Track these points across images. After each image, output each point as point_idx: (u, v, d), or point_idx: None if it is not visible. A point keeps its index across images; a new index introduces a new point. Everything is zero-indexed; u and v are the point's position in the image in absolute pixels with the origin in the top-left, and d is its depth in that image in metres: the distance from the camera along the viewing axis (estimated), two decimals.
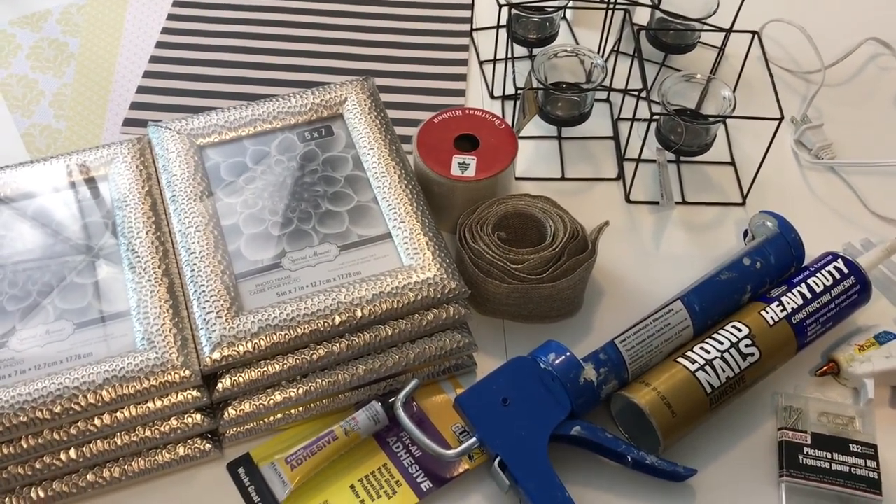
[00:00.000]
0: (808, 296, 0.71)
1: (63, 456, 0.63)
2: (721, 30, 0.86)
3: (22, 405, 0.60)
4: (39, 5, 1.01)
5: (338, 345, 0.67)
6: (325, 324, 0.65)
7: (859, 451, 0.66)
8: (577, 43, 0.97)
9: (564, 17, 1.00)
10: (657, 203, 0.84)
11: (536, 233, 0.76)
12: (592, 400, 0.66)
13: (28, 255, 0.70)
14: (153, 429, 0.64)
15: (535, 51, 0.93)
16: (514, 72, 0.94)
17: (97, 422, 0.62)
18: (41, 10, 1.01)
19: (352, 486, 0.65)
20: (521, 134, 0.87)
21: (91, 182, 0.74)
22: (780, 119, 0.76)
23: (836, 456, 0.66)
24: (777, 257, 0.74)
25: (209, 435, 0.67)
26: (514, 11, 0.89)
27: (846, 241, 0.81)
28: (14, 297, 0.67)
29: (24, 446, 0.61)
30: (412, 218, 0.71)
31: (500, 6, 0.84)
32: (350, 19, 1.00)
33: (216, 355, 0.64)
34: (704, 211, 0.84)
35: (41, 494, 0.63)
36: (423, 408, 0.70)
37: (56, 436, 0.62)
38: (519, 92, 0.81)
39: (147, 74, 0.93)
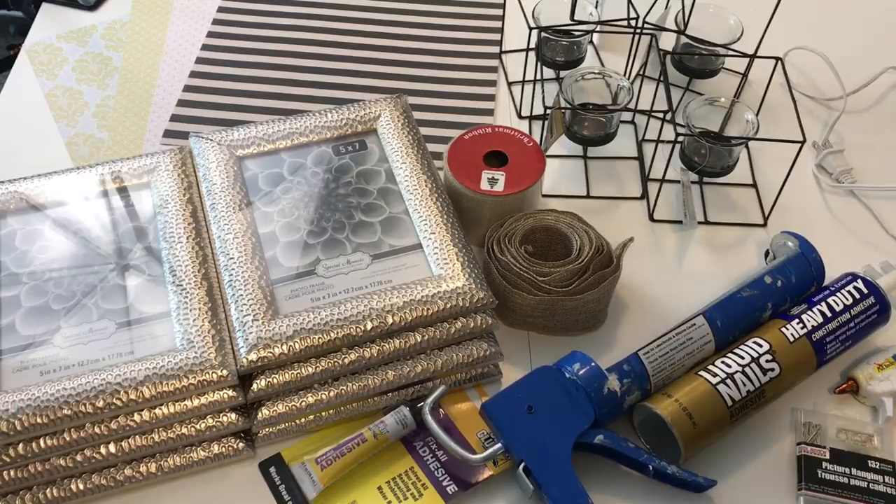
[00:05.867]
0: (828, 314, 0.72)
1: (103, 450, 0.65)
2: (745, 55, 0.89)
3: (66, 399, 0.63)
4: (85, 21, 1.05)
5: (369, 350, 0.69)
6: (357, 329, 0.68)
7: (878, 467, 0.67)
8: (604, 66, 1.00)
9: (592, 42, 1.03)
10: (680, 222, 0.86)
11: (562, 247, 0.78)
12: (615, 410, 0.68)
13: (73, 258, 0.72)
14: (189, 426, 0.67)
15: (563, 73, 0.96)
16: (542, 92, 0.96)
17: (137, 417, 0.65)
18: (87, 26, 1.05)
19: (379, 488, 0.67)
20: (549, 152, 0.89)
21: (133, 189, 0.77)
22: (802, 142, 0.78)
23: (854, 471, 0.67)
24: (798, 276, 0.75)
25: (242, 434, 0.69)
26: (542, 35, 0.92)
27: (866, 263, 0.82)
28: (59, 296, 0.70)
29: (67, 439, 0.64)
30: (442, 230, 0.74)
31: (531, 29, 0.87)
32: (384, 40, 1.03)
33: (252, 356, 0.66)
34: (726, 231, 0.86)
35: (80, 486, 0.66)
36: (450, 414, 0.72)
37: (97, 430, 0.64)
38: (547, 112, 0.84)
39: (187, 88, 0.97)
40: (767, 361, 0.69)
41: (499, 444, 0.67)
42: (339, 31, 1.04)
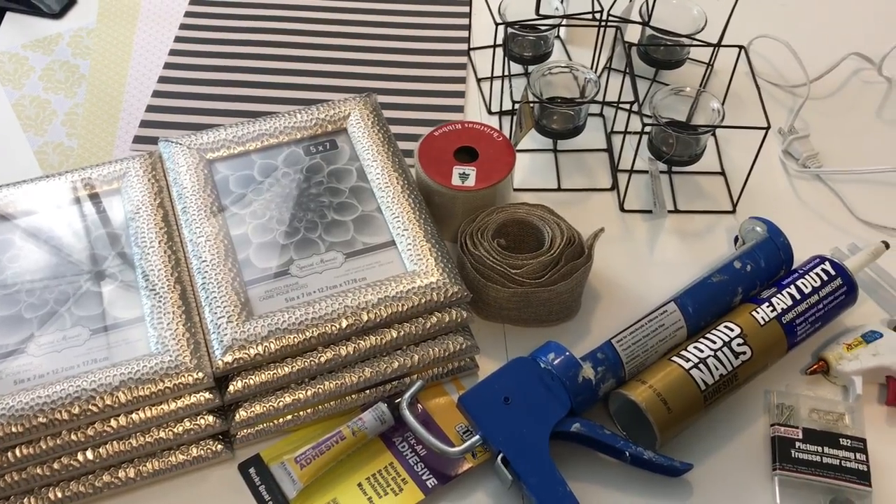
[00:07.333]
0: (797, 297, 0.73)
1: (80, 457, 0.65)
2: (709, 45, 0.90)
3: (41, 407, 0.63)
4: (51, 29, 1.05)
5: (344, 348, 0.69)
6: (333, 327, 0.68)
7: (849, 444, 0.69)
8: (571, 60, 1.01)
9: (558, 36, 1.03)
10: (650, 212, 0.87)
11: (535, 239, 0.78)
12: (591, 398, 0.69)
13: (45, 267, 0.72)
14: (167, 430, 0.67)
15: (531, 68, 0.97)
16: (510, 88, 0.97)
17: (113, 423, 0.65)
18: (52, 34, 1.04)
19: (359, 485, 0.68)
20: (519, 147, 0.90)
21: (104, 196, 0.77)
22: (767, 128, 0.79)
23: (826, 450, 0.68)
24: (767, 260, 0.76)
25: (221, 436, 0.69)
26: (509, 30, 0.93)
27: (833, 245, 0.83)
28: (32, 305, 0.70)
29: (43, 447, 0.63)
30: (415, 226, 0.74)
31: (497, 25, 0.88)
32: (353, 40, 1.03)
33: (228, 358, 0.66)
34: (696, 219, 0.87)
35: (59, 494, 0.65)
36: (428, 408, 0.72)
37: (74, 437, 0.64)
38: (516, 106, 0.85)
39: (156, 94, 0.97)
40: (739, 345, 0.70)
41: (477, 437, 0.67)
42: (308, 31, 1.04)
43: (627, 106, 0.93)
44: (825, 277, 0.75)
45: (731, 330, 0.71)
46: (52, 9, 1.06)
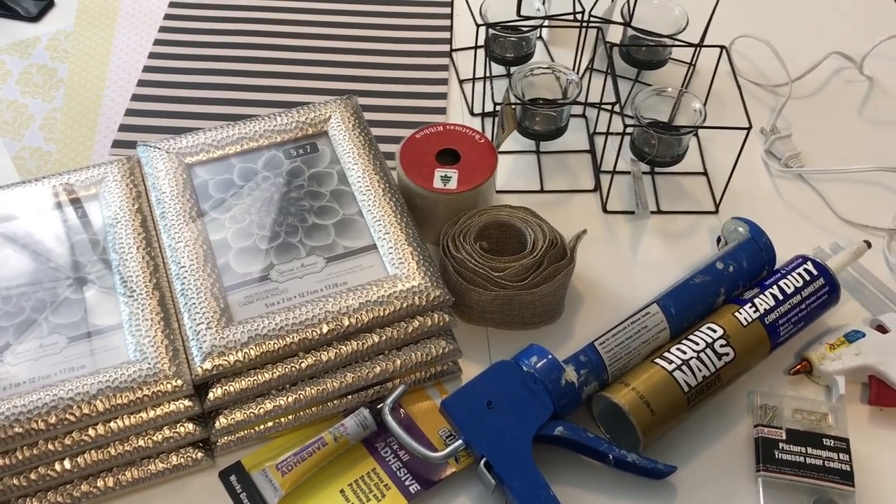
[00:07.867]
0: (780, 297, 0.73)
1: (58, 466, 0.64)
2: (691, 45, 0.90)
3: (17, 417, 0.62)
4: (28, 33, 1.03)
5: (326, 353, 0.68)
6: (313, 333, 0.67)
7: (832, 444, 0.69)
8: (553, 61, 1.01)
9: (540, 37, 1.03)
10: (633, 213, 0.87)
11: (517, 242, 0.78)
12: (574, 401, 0.68)
13: (22, 274, 0.71)
14: (146, 438, 0.66)
15: (513, 69, 0.96)
16: (492, 89, 0.97)
17: (91, 432, 0.64)
18: (30, 38, 1.03)
19: (342, 491, 0.67)
20: (501, 149, 0.90)
21: (81, 201, 0.76)
22: (749, 128, 0.79)
23: (810, 450, 0.68)
24: (749, 261, 0.76)
25: (201, 444, 0.68)
26: (491, 31, 0.92)
27: (816, 245, 0.84)
28: (7, 313, 0.69)
29: (20, 457, 0.63)
30: (396, 229, 0.73)
31: (478, 26, 0.87)
32: (334, 41, 1.03)
33: (207, 365, 0.65)
34: (679, 219, 0.87)
35: None
36: (410, 413, 0.72)
37: (51, 446, 0.63)
38: (498, 108, 0.84)
39: (135, 97, 0.96)
40: (722, 346, 0.70)
41: (459, 441, 0.67)
42: (288, 33, 1.03)
43: (610, 107, 0.93)
44: (808, 277, 0.75)
45: (714, 331, 0.71)
46: (30, 12, 1.05)
